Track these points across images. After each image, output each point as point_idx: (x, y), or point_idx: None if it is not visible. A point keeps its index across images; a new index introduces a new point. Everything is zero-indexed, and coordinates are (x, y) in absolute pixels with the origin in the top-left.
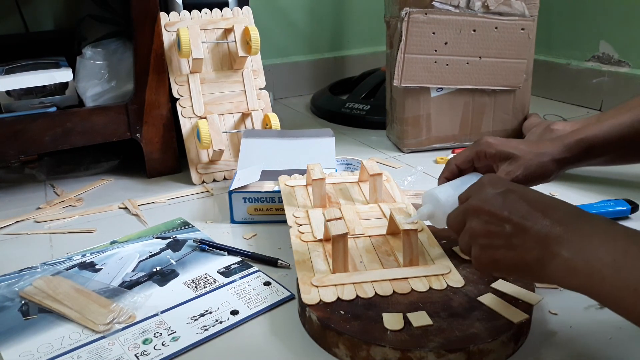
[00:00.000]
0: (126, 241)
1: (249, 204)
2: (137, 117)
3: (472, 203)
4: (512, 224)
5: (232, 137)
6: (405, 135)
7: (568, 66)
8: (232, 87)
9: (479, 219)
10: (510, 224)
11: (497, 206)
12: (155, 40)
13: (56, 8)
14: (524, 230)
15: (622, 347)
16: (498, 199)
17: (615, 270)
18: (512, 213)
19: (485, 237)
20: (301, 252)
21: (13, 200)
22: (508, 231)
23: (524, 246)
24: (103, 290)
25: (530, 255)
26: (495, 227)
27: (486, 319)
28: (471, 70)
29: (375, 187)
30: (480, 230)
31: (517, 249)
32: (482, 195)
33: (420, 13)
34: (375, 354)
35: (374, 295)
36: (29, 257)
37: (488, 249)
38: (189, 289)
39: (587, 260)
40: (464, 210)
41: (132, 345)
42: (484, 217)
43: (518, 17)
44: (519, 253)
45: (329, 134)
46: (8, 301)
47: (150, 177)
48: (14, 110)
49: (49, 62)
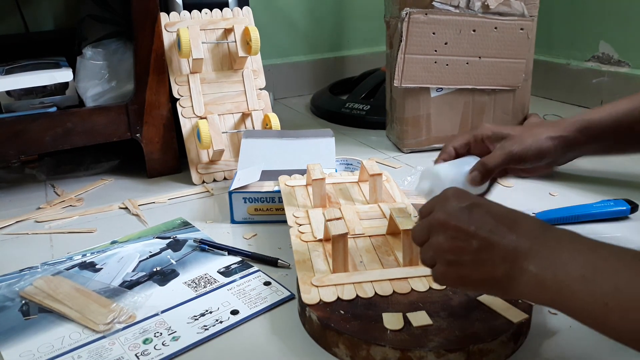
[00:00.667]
0: (126, 241)
1: (249, 204)
2: (137, 117)
3: (437, 217)
4: (479, 239)
5: (232, 137)
6: (405, 135)
7: (568, 66)
8: (232, 87)
9: (445, 234)
10: (477, 239)
11: (464, 221)
12: (156, 41)
13: (56, 8)
14: (491, 245)
15: (621, 347)
16: (464, 213)
17: (584, 284)
18: (478, 228)
19: (451, 253)
20: (301, 252)
21: (13, 200)
22: (475, 247)
23: (492, 262)
24: (103, 290)
25: (499, 271)
26: (462, 242)
27: (486, 318)
28: (471, 70)
29: (375, 187)
30: (446, 245)
31: (485, 265)
32: (447, 209)
33: (420, 13)
34: (375, 353)
35: (373, 295)
36: (30, 257)
37: (455, 265)
38: (189, 288)
39: (556, 275)
40: (429, 225)
41: (133, 345)
42: (450, 233)
43: (517, 17)
44: (486, 269)
45: (329, 135)
46: (8, 301)
47: (151, 177)
48: (15, 110)
49: (49, 62)
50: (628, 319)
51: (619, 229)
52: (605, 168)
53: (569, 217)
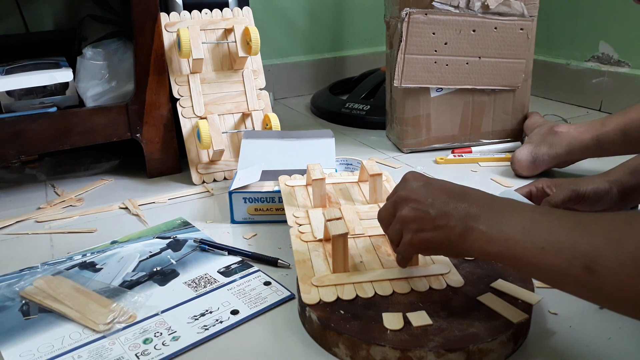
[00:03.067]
0: (127, 241)
1: (249, 204)
2: (137, 117)
3: (400, 194)
4: (435, 208)
5: (232, 137)
6: (405, 135)
7: (568, 66)
8: (233, 87)
9: (408, 207)
10: (433, 208)
11: (422, 195)
12: (156, 41)
13: (56, 8)
14: (446, 213)
15: (621, 347)
16: (421, 189)
17: (524, 234)
18: (435, 199)
19: (414, 221)
20: (301, 252)
21: (13, 200)
22: (433, 214)
23: (448, 225)
24: (103, 290)
25: (454, 232)
26: (422, 212)
27: (486, 318)
28: (471, 70)
29: (375, 188)
30: (410, 216)
31: (442, 229)
32: (407, 187)
33: (420, 13)
34: (375, 353)
35: (373, 295)
36: (30, 257)
37: (418, 232)
38: (190, 288)
39: (501, 230)
40: (393, 202)
41: (133, 345)
42: (412, 205)
43: (517, 17)
44: (444, 232)
45: (329, 135)
46: (9, 301)
47: (151, 177)
48: (15, 110)
49: (49, 62)
50: (562, 258)
51: None
52: (605, 168)
53: None
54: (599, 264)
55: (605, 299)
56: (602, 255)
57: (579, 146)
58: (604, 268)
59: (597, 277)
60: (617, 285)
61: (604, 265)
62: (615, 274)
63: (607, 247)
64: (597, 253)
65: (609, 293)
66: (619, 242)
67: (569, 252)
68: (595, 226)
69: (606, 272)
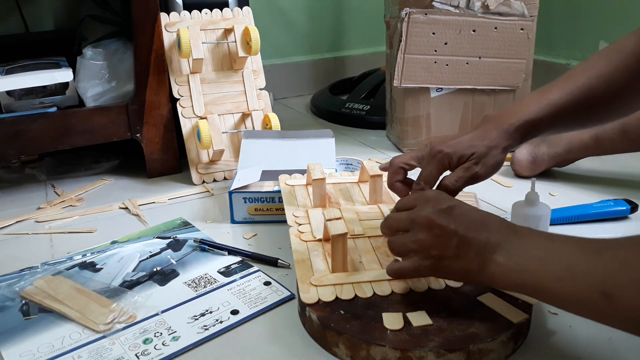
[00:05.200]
0: (127, 241)
1: (249, 204)
2: (137, 117)
3: (422, 215)
4: (458, 236)
5: (232, 137)
6: (405, 135)
7: (568, 66)
8: (232, 87)
9: (430, 232)
10: (457, 236)
11: (445, 221)
12: (156, 41)
13: (56, 8)
14: (467, 241)
15: (621, 347)
16: (445, 215)
17: (541, 264)
18: (458, 227)
19: (436, 248)
20: (300, 252)
21: (13, 200)
22: (455, 243)
23: (468, 256)
24: (103, 290)
25: (473, 263)
26: (444, 239)
27: (486, 318)
28: (471, 70)
29: (375, 188)
30: (432, 242)
31: (462, 259)
32: (430, 210)
33: (420, 13)
34: (375, 353)
35: (372, 295)
36: (30, 257)
37: (437, 258)
38: (190, 288)
39: (519, 262)
40: (412, 220)
41: (133, 345)
42: (435, 231)
43: (517, 17)
44: (464, 262)
45: (329, 135)
46: (9, 301)
47: (151, 177)
48: (15, 110)
49: (49, 62)
50: (578, 286)
51: (618, 229)
52: (605, 168)
53: (568, 217)
54: (615, 290)
55: (622, 323)
56: (618, 281)
57: (578, 145)
58: (621, 293)
59: (614, 302)
60: (634, 310)
61: (621, 291)
62: (632, 299)
63: (622, 272)
64: (613, 279)
65: (626, 318)
66: (635, 267)
67: (585, 280)
68: (610, 252)
69: (623, 297)
